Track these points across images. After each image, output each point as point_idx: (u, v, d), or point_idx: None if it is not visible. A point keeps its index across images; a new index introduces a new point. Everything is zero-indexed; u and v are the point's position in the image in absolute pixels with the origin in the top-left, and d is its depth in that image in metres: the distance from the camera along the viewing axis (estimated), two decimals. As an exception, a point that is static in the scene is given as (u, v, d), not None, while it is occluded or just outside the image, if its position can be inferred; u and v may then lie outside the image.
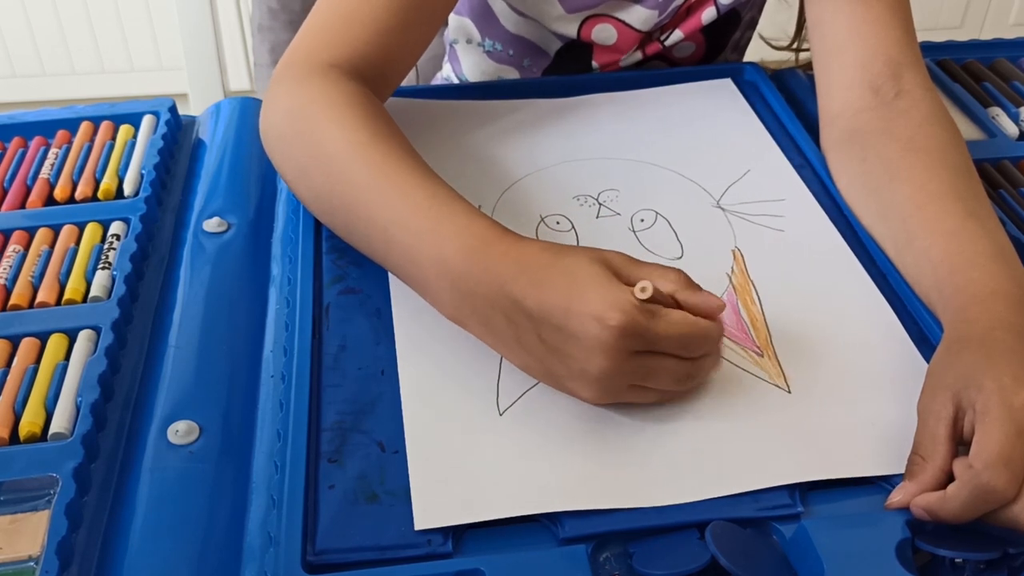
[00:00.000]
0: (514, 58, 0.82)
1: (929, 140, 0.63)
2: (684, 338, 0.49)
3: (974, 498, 0.44)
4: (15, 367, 0.53)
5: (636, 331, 0.47)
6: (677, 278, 0.50)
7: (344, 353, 0.54)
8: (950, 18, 2.11)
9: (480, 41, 0.82)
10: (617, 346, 0.47)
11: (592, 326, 0.47)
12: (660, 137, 0.72)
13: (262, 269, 0.61)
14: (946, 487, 0.45)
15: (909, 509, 0.46)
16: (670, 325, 0.48)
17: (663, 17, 0.77)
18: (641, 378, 0.49)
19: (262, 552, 0.44)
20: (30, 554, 0.44)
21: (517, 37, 0.81)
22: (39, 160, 0.68)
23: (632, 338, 0.47)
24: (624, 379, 0.49)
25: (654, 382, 0.50)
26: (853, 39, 0.67)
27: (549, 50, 0.81)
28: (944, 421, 0.47)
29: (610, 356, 0.47)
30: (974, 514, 0.45)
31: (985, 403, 0.46)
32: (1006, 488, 0.44)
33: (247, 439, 0.50)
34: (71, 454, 0.47)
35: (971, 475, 0.44)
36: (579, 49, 0.80)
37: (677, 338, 0.48)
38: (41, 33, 1.92)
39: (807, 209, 0.66)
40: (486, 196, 0.66)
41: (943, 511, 0.44)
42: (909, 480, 0.47)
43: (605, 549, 0.46)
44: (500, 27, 0.81)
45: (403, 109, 0.73)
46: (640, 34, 0.78)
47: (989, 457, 0.44)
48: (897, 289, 0.60)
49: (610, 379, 0.48)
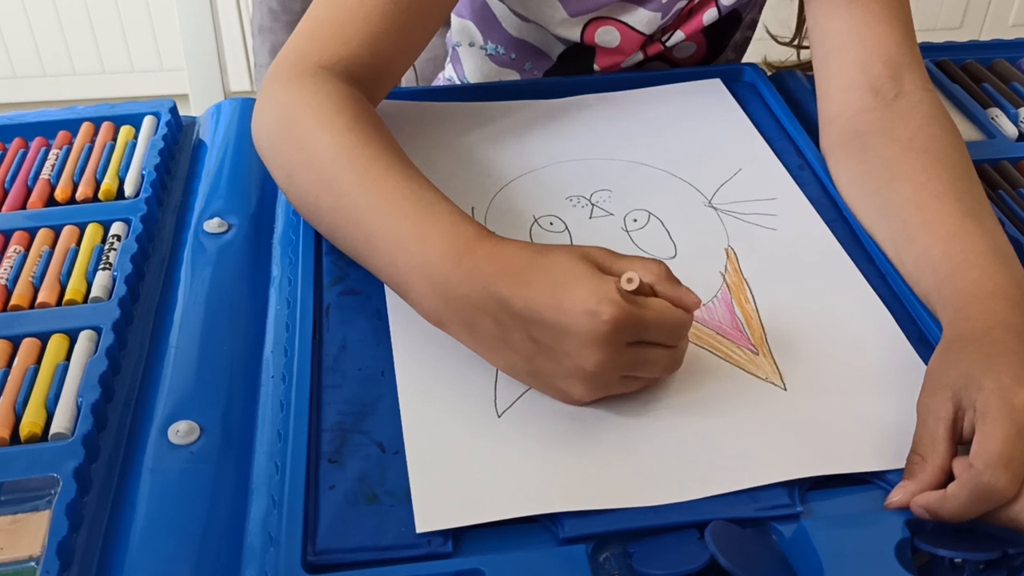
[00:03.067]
0: (516, 61, 0.82)
1: (929, 141, 0.63)
2: (671, 326, 0.50)
3: (974, 498, 0.44)
4: (16, 367, 0.53)
5: (629, 322, 0.48)
6: (659, 270, 0.51)
7: (344, 354, 0.55)
8: (949, 19, 2.11)
9: (483, 44, 0.83)
10: (612, 338, 0.48)
11: (585, 321, 0.47)
12: (652, 137, 0.72)
13: (262, 270, 0.61)
14: (946, 486, 0.45)
15: (909, 508, 0.46)
16: (659, 314, 0.49)
17: (666, 19, 0.77)
18: (632, 368, 0.50)
19: (262, 552, 0.44)
20: (31, 554, 0.44)
21: (519, 40, 0.81)
22: (40, 161, 0.69)
23: (625, 329, 0.48)
24: (617, 371, 0.49)
25: (643, 371, 0.50)
26: (852, 40, 0.67)
27: (552, 54, 0.81)
28: (944, 421, 0.47)
29: (605, 349, 0.48)
30: (974, 513, 0.45)
31: (985, 403, 0.46)
32: (1007, 488, 0.44)
33: (247, 439, 0.50)
34: (72, 454, 0.47)
35: (972, 475, 0.44)
36: (582, 52, 0.80)
37: (665, 326, 0.49)
38: (42, 34, 1.92)
39: (799, 208, 0.66)
40: (479, 197, 0.66)
41: (943, 510, 0.44)
42: (908, 479, 0.47)
43: (605, 549, 0.46)
44: (502, 30, 0.81)
45: (397, 111, 0.73)
46: (643, 36, 0.78)
47: (990, 457, 0.44)
48: (896, 289, 0.60)
49: (604, 372, 0.49)
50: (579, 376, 0.49)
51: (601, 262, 0.50)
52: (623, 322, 0.47)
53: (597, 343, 0.48)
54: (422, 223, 0.53)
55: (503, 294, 0.49)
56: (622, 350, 0.48)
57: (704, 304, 0.58)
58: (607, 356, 0.48)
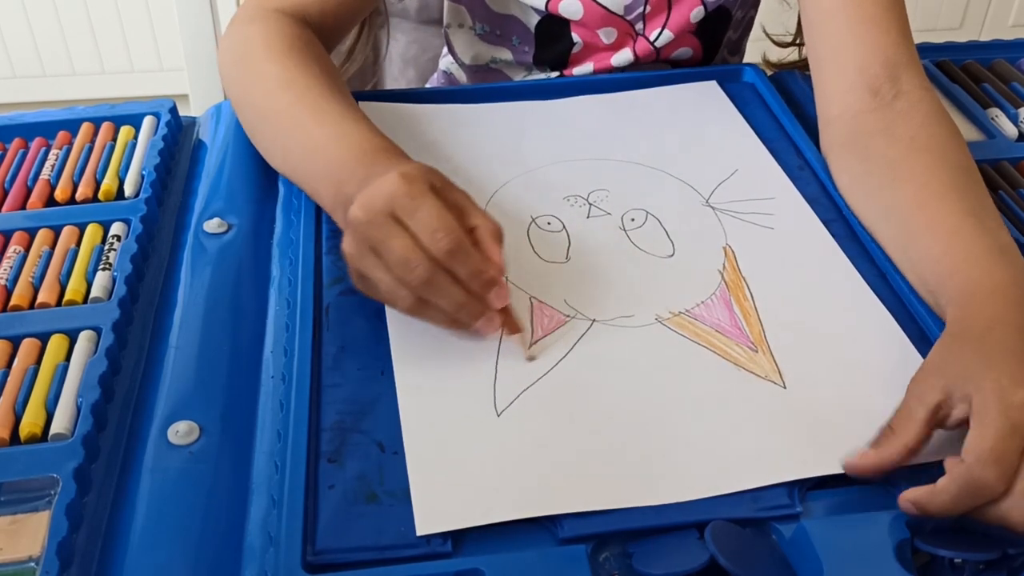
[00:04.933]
0: (502, 38, 0.84)
1: (930, 140, 0.63)
2: (434, 226, 0.51)
3: (964, 492, 0.44)
4: (16, 368, 0.53)
5: (415, 182, 0.51)
6: (491, 226, 0.53)
7: (344, 354, 0.55)
8: (949, 19, 2.11)
9: (471, 25, 0.84)
10: (386, 192, 0.51)
11: (383, 176, 0.52)
12: (648, 138, 0.72)
13: (262, 270, 0.61)
14: (907, 464, 0.47)
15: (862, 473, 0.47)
16: (437, 211, 0.51)
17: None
18: (378, 244, 0.51)
19: (262, 552, 0.44)
20: (30, 555, 0.44)
21: (501, 16, 0.82)
22: (40, 161, 0.69)
23: (409, 189, 0.51)
24: (372, 228, 0.51)
25: (386, 253, 0.51)
26: (849, 41, 0.67)
27: (530, 25, 0.81)
28: (926, 405, 0.48)
29: (369, 200, 0.51)
30: (963, 508, 0.45)
31: (983, 401, 0.46)
32: (996, 483, 0.44)
33: (247, 439, 0.50)
34: (71, 455, 0.47)
35: (962, 469, 0.44)
36: (556, 24, 0.80)
37: (431, 224, 0.51)
38: (41, 34, 1.92)
39: (796, 207, 0.66)
40: (477, 198, 0.65)
41: (932, 504, 0.45)
42: (873, 448, 0.48)
43: (605, 549, 0.46)
44: (487, 8, 0.82)
45: (395, 112, 0.74)
46: (610, 13, 0.78)
47: (982, 452, 0.44)
48: (895, 288, 0.60)
49: (357, 226, 0.52)
50: (348, 226, 0.53)
51: (452, 193, 0.54)
52: (410, 178, 0.51)
53: (373, 192, 0.51)
54: (337, 133, 0.60)
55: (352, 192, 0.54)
56: (383, 213, 0.51)
57: (703, 302, 0.58)
58: (368, 204, 0.51)
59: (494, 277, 0.52)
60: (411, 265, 0.51)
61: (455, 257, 0.51)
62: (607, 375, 0.54)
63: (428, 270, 0.51)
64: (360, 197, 0.52)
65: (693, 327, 0.57)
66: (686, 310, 0.58)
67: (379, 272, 0.52)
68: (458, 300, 0.52)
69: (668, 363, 0.54)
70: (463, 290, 0.52)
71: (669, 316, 0.57)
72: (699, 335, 0.56)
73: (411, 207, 0.51)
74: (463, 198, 0.54)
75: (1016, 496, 0.44)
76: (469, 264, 0.51)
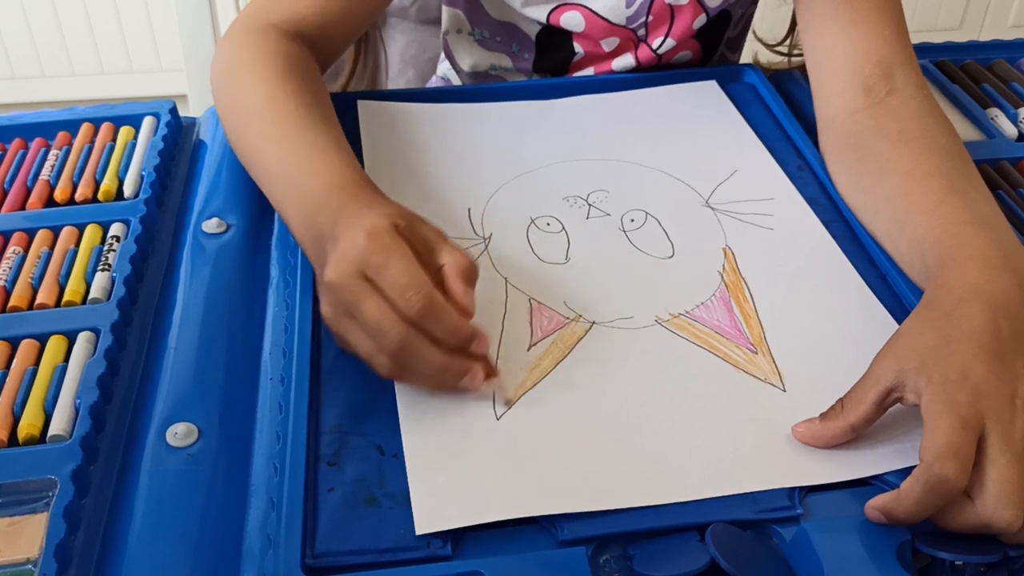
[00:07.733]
0: (502, 44, 0.83)
1: (919, 130, 0.63)
2: (408, 284, 0.49)
3: (928, 490, 0.44)
4: (14, 369, 0.52)
5: (379, 236, 0.50)
6: (463, 263, 0.51)
7: (343, 356, 0.54)
8: (949, 19, 2.11)
9: (470, 31, 0.84)
10: (354, 251, 0.50)
11: (350, 231, 0.51)
12: (648, 138, 0.72)
13: (261, 270, 0.61)
14: (847, 444, 0.49)
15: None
16: (406, 263, 0.49)
17: (632, 8, 0.77)
18: (354, 302, 0.50)
19: (261, 554, 0.44)
20: (28, 556, 0.44)
21: (501, 23, 0.82)
22: (39, 161, 0.68)
23: (375, 246, 0.49)
24: (345, 293, 0.50)
25: (360, 317, 0.50)
26: (843, 43, 0.68)
27: (530, 34, 0.81)
28: (876, 389, 0.49)
29: (341, 260, 0.50)
30: (930, 509, 0.45)
31: (931, 398, 0.46)
32: (957, 477, 0.44)
33: (246, 441, 0.50)
34: (70, 456, 0.47)
35: (923, 468, 0.44)
36: (557, 34, 0.80)
37: (399, 281, 0.49)
38: (41, 34, 1.92)
39: (796, 208, 0.66)
40: (476, 198, 0.66)
41: (898, 509, 0.44)
42: (820, 419, 0.49)
43: (605, 551, 0.46)
44: (486, 15, 0.82)
45: (394, 113, 0.73)
46: (612, 25, 0.78)
47: (938, 448, 0.44)
48: (895, 289, 0.60)
49: (333, 287, 0.50)
50: (323, 290, 0.52)
51: (418, 231, 0.52)
52: (376, 235, 0.49)
53: (341, 254, 0.50)
54: (311, 161, 0.58)
55: (325, 226, 0.53)
56: (354, 276, 0.49)
57: (702, 303, 0.58)
58: (338, 267, 0.50)
59: (473, 331, 0.50)
60: (384, 330, 0.49)
61: (428, 316, 0.49)
62: (607, 376, 0.53)
63: (401, 334, 0.49)
64: (331, 258, 0.51)
65: (693, 328, 0.57)
66: (686, 311, 0.58)
67: (357, 335, 0.51)
68: (436, 363, 0.50)
69: (668, 365, 0.54)
70: (441, 350, 0.50)
71: (669, 317, 0.57)
72: (699, 336, 0.56)
73: (379, 264, 0.49)
74: (432, 233, 0.53)
75: (989, 497, 0.44)
76: (444, 322, 0.49)
